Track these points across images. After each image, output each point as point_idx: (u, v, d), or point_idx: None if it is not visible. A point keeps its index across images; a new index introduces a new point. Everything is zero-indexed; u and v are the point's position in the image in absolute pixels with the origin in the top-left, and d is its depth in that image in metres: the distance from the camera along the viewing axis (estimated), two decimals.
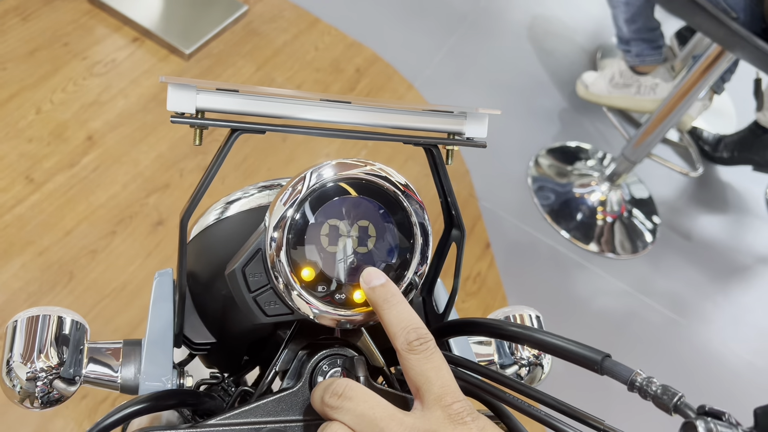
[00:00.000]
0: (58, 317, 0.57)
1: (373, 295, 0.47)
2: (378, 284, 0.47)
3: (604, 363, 0.41)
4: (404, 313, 0.45)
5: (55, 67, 1.89)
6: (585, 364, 0.43)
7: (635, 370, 0.40)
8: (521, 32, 2.72)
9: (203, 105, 0.48)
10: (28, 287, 1.52)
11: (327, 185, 0.48)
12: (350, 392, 0.41)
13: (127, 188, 1.72)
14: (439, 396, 0.41)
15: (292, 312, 0.48)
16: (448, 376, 0.42)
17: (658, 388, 0.39)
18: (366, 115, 0.53)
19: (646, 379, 0.39)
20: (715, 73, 1.84)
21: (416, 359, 0.43)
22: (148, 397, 0.48)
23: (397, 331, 0.44)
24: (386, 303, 0.46)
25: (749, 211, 2.48)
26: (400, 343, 0.44)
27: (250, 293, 0.48)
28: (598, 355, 0.42)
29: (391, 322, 0.45)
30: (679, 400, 0.38)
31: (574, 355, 0.43)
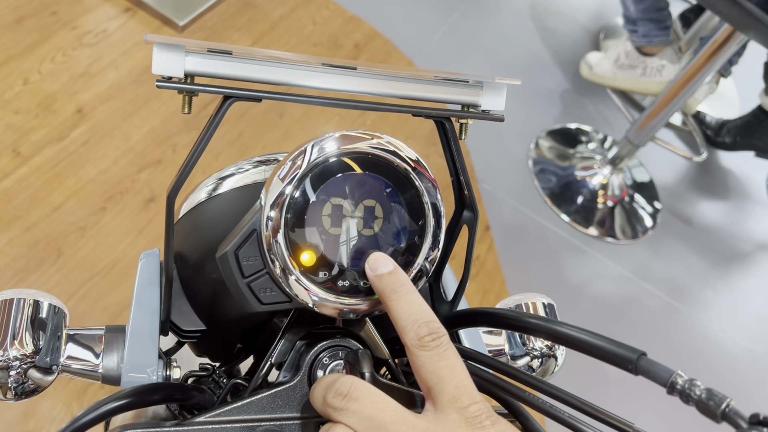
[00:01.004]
0: (33, 301, 0.52)
1: (380, 284, 0.42)
2: (386, 272, 0.42)
3: (640, 362, 0.37)
4: (415, 305, 0.41)
5: (44, 37, 1.82)
6: (617, 363, 0.38)
7: (675, 371, 0.36)
8: (523, 10, 2.66)
9: (192, 68, 0.43)
10: (14, 264, 1.47)
11: (330, 160, 0.43)
12: (356, 392, 0.37)
13: (117, 163, 1.67)
14: (454, 397, 0.37)
15: (290, 300, 0.44)
16: (463, 374, 0.38)
17: (702, 393, 0.34)
18: (373, 82, 0.48)
19: (688, 382, 0.35)
20: (724, 55, 1.79)
21: (428, 356, 0.38)
22: (130, 392, 0.43)
23: (406, 324, 0.40)
24: (394, 293, 0.41)
25: (750, 197, 2.44)
26: (410, 338, 0.39)
27: (243, 279, 0.43)
28: (633, 353, 0.37)
29: (400, 315, 0.40)
30: (727, 406, 0.33)
31: (605, 352, 0.39)
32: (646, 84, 2.17)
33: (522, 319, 0.44)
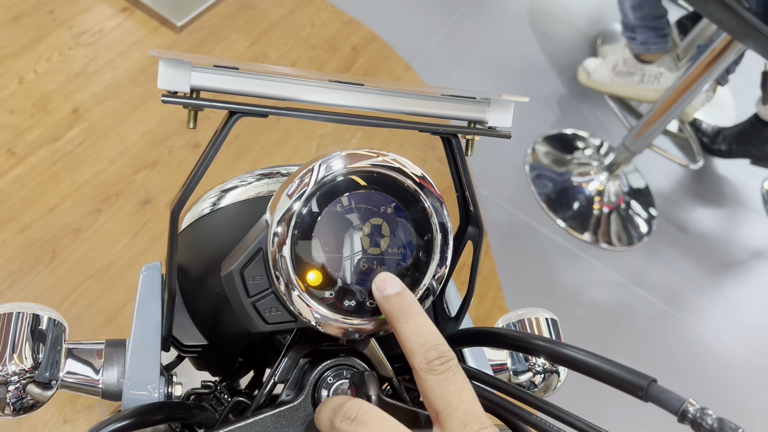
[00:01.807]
0: (33, 315, 0.51)
1: (387, 305, 0.42)
2: (393, 293, 0.42)
3: (650, 389, 0.37)
4: (423, 327, 0.40)
5: (40, 35, 1.81)
6: (627, 389, 0.38)
7: (687, 399, 0.35)
8: (521, 14, 2.66)
9: (199, 83, 0.43)
10: (8, 265, 1.46)
11: (337, 179, 0.43)
12: (365, 416, 0.37)
13: (113, 164, 1.66)
14: (464, 422, 0.37)
15: (295, 319, 0.43)
16: (472, 399, 0.38)
17: (714, 422, 0.34)
18: (379, 98, 0.47)
19: (700, 411, 0.35)
20: (722, 64, 1.80)
21: (436, 380, 0.38)
22: (132, 412, 0.43)
23: (415, 347, 0.39)
24: (402, 315, 0.41)
25: (745, 205, 2.45)
26: (418, 361, 0.39)
27: (249, 298, 0.43)
28: (644, 380, 0.37)
29: (408, 337, 0.40)
30: None
31: (615, 378, 0.39)
32: (643, 91, 2.18)
33: (527, 341, 0.44)
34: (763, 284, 2.25)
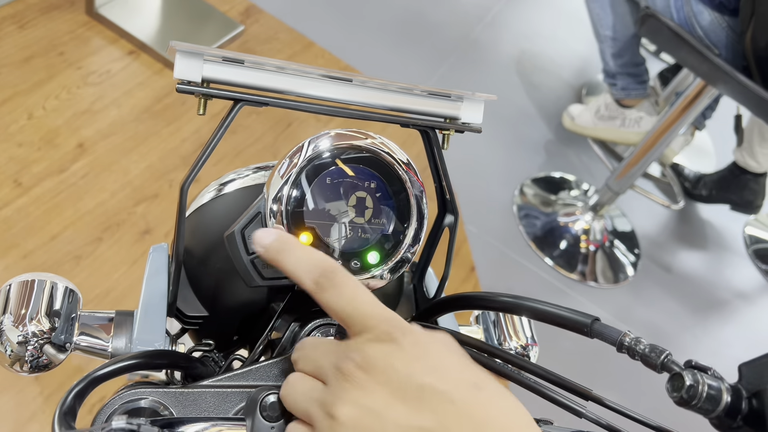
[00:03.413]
0: (51, 283, 0.57)
1: (269, 255, 0.45)
2: (269, 240, 0.45)
3: (594, 326, 0.43)
4: (304, 255, 0.43)
5: (50, 75, 1.90)
6: (575, 328, 0.44)
7: (624, 331, 0.41)
8: (510, 65, 2.78)
9: (209, 75, 0.50)
10: None
11: (325, 154, 0.49)
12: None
13: (115, 196, 1.72)
14: (363, 324, 0.39)
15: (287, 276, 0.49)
16: (367, 301, 0.40)
17: (645, 348, 0.40)
18: (366, 93, 0.54)
19: (635, 339, 0.41)
20: (697, 108, 1.89)
21: (328, 296, 0.41)
22: (140, 354, 0.48)
23: (302, 275, 0.42)
24: (282, 253, 0.44)
25: (728, 247, 2.52)
26: (309, 285, 0.42)
27: (248, 255, 0.49)
28: (588, 318, 0.43)
29: (294, 269, 0.43)
30: (666, 357, 0.39)
31: (565, 320, 0.44)
32: (625, 134, 2.28)
33: (494, 299, 0.50)
34: (746, 324, 2.29)
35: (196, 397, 0.46)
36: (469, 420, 0.34)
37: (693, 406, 0.37)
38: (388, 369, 0.37)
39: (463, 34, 2.81)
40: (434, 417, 0.34)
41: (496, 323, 0.68)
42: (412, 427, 0.34)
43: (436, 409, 0.35)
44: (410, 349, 0.37)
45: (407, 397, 0.35)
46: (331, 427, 0.36)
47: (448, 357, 0.38)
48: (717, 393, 0.36)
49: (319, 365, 0.41)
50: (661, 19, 1.66)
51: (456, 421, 0.34)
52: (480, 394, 0.35)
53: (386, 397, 0.36)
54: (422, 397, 0.35)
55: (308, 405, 0.39)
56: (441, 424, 0.34)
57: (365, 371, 0.37)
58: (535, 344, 0.67)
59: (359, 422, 0.35)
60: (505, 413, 0.35)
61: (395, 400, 0.36)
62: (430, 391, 0.35)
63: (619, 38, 2.10)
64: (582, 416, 0.44)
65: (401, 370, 0.36)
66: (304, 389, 0.40)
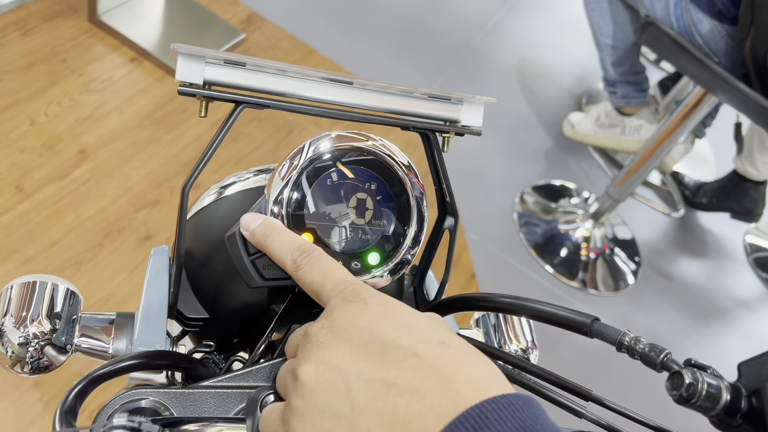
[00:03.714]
0: (52, 284, 0.57)
1: (255, 237, 0.47)
2: (256, 225, 0.47)
3: (593, 326, 0.43)
4: (286, 238, 0.45)
5: (52, 82, 1.91)
6: (575, 328, 0.44)
7: (623, 330, 0.41)
8: (510, 73, 2.79)
9: (210, 77, 0.50)
10: None
11: (325, 157, 0.50)
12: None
13: (116, 202, 1.73)
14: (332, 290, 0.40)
15: (289, 277, 0.49)
16: (336, 270, 0.42)
17: (645, 347, 0.40)
18: (367, 96, 0.55)
19: (634, 339, 0.41)
20: (697, 116, 1.90)
21: (303, 272, 0.43)
22: (141, 354, 0.48)
23: (283, 257, 0.44)
24: (266, 237, 0.46)
25: (728, 255, 2.52)
26: (289, 266, 0.44)
27: (249, 256, 0.49)
28: (588, 318, 0.43)
29: (276, 252, 0.45)
30: (665, 356, 0.39)
31: (565, 320, 0.45)
32: (625, 142, 2.28)
33: (495, 299, 0.50)
34: (747, 332, 2.29)
35: (197, 397, 0.46)
36: (434, 373, 0.33)
37: (692, 404, 0.37)
38: (351, 327, 0.37)
39: (463, 43, 2.82)
40: (399, 371, 0.34)
41: (497, 327, 0.68)
42: (374, 380, 0.34)
43: (401, 364, 0.34)
44: (376, 308, 0.37)
45: (371, 353, 0.35)
46: (295, 388, 0.36)
47: (415, 317, 0.38)
48: (716, 391, 0.36)
49: (295, 341, 0.41)
50: (661, 27, 1.67)
51: (421, 375, 0.33)
52: (447, 350, 0.35)
53: (349, 353, 0.36)
54: (385, 352, 0.35)
55: (284, 377, 0.40)
56: (405, 377, 0.33)
57: (330, 331, 0.37)
58: (535, 347, 0.67)
59: (320, 379, 0.35)
60: (472, 368, 0.34)
61: (359, 356, 0.35)
62: (394, 347, 0.35)
63: (619, 46, 2.11)
64: (582, 416, 0.44)
65: (365, 327, 0.36)
66: (283, 368, 0.41)
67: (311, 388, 0.35)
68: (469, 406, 0.31)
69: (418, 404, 0.32)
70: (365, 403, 0.33)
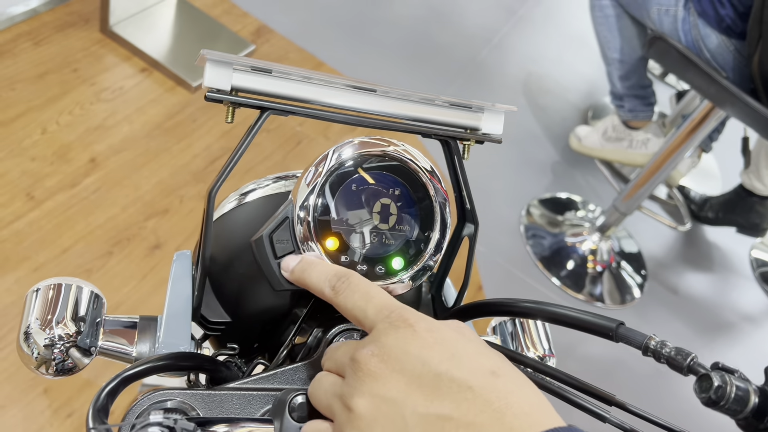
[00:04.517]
0: (77, 287, 0.58)
1: (294, 275, 0.48)
2: (293, 265, 0.48)
3: (619, 330, 0.43)
4: (322, 269, 0.46)
5: (64, 91, 1.92)
6: (600, 333, 0.44)
7: (649, 335, 0.42)
8: (516, 87, 2.80)
9: (238, 84, 0.51)
10: (20, 302, 1.51)
11: (349, 163, 0.50)
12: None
13: (126, 211, 1.74)
14: (376, 315, 0.40)
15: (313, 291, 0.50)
16: (378, 295, 0.42)
17: (671, 351, 0.40)
18: (389, 103, 0.55)
19: (660, 343, 0.41)
20: (704, 130, 1.90)
21: (343, 297, 0.43)
22: (169, 355, 0.49)
23: (322, 286, 0.45)
24: (305, 272, 0.47)
25: (734, 270, 2.52)
26: (328, 293, 0.44)
27: (276, 259, 0.49)
28: (613, 323, 0.44)
29: (314, 283, 0.46)
30: (692, 360, 0.39)
31: (590, 324, 0.45)
32: (632, 156, 2.29)
33: (516, 305, 0.50)
34: (753, 347, 2.29)
35: (223, 399, 0.47)
36: (488, 406, 0.34)
37: (721, 407, 0.37)
38: (403, 356, 0.37)
39: (470, 56, 2.84)
40: (453, 404, 0.34)
41: (514, 334, 0.69)
42: (430, 415, 0.34)
43: (455, 397, 0.34)
44: (425, 335, 0.37)
45: (424, 385, 0.35)
46: (349, 420, 0.37)
47: (464, 343, 0.38)
48: (745, 394, 0.37)
49: (339, 361, 0.41)
50: (669, 41, 1.68)
51: (475, 408, 0.34)
52: (498, 381, 0.35)
53: (403, 385, 0.36)
54: (440, 385, 0.35)
55: (329, 400, 0.40)
56: (460, 411, 0.34)
57: (381, 359, 0.37)
58: (552, 355, 0.68)
59: (377, 413, 0.35)
60: (524, 400, 0.35)
61: (412, 388, 0.35)
62: (447, 379, 0.35)
63: (627, 60, 2.12)
64: (606, 421, 0.44)
65: (417, 356, 0.36)
66: (326, 385, 0.41)
67: (368, 421, 0.35)
68: None
69: None
70: None
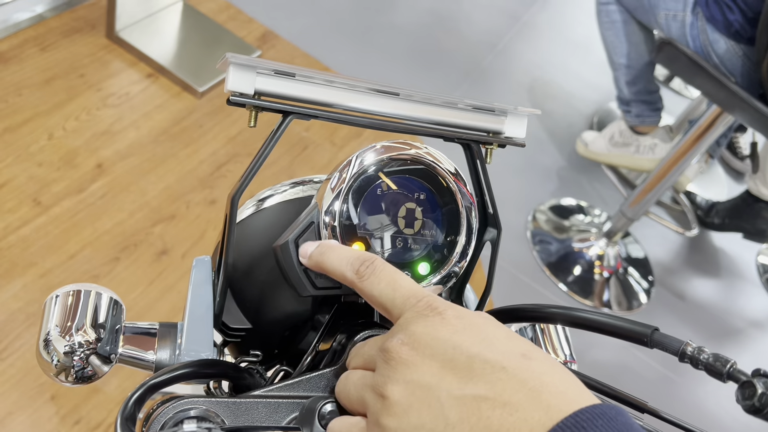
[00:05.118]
0: (96, 293, 0.57)
1: (312, 260, 0.47)
2: (312, 249, 0.47)
3: (654, 336, 0.43)
4: (342, 252, 0.45)
5: (70, 97, 1.92)
6: (635, 339, 0.44)
7: (685, 341, 0.41)
8: (521, 93, 2.80)
9: (261, 87, 0.50)
10: (27, 308, 1.51)
11: (372, 169, 0.50)
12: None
13: (133, 216, 1.73)
14: (403, 303, 0.40)
15: (340, 286, 0.49)
16: (405, 283, 0.41)
17: (709, 357, 0.40)
18: (411, 107, 0.55)
19: (697, 349, 0.40)
20: (712, 135, 1.90)
21: (369, 283, 0.42)
22: (193, 362, 0.48)
23: (343, 269, 0.44)
24: (324, 255, 0.46)
25: (741, 275, 2.51)
26: (350, 277, 0.43)
27: (301, 265, 0.49)
28: (648, 329, 0.43)
29: (334, 267, 0.45)
30: (732, 367, 0.39)
31: (624, 330, 0.44)
32: (639, 161, 2.28)
33: (543, 310, 0.50)
34: (760, 352, 2.28)
35: (248, 407, 0.46)
36: (523, 386, 0.33)
37: (765, 414, 0.36)
38: (433, 342, 0.36)
39: (475, 62, 2.83)
40: (488, 385, 0.34)
41: (534, 340, 0.68)
42: (466, 397, 0.34)
43: (489, 378, 0.34)
44: (455, 321, 0.37)
45: (458, 368, 0.35)
46: (384, 408, 0.36)
47: (494, 329, 0.37)
48: None
49: (368, 355, 0.41)
50: (678, 46, 1.68)
51: (510, 388, 0.33)
52: (531, 362, 0.35)
53: (436, 369, 0.35)
54: (473, 367, 0.35)
55: (360, 392, 0.39)
56: (495, 391, 0.33)
57: (411, 347, 0.37)
58: (573, 361, 0.67)
59: (412, 398, 0.35)
60: (558, 380, 0.34)
61: (445, 371, 0.35)
62: (480, 361, 0.35)
63: (634, 66, 2.12)
64: None
65: (447, 341, 0.36)
66: (355, 379, 0.41)
67: (403, 407, 0.35)
68: (562, 417, 0.31)
69: (511, 417, 0.32)
70: (459, 419, 0.33)
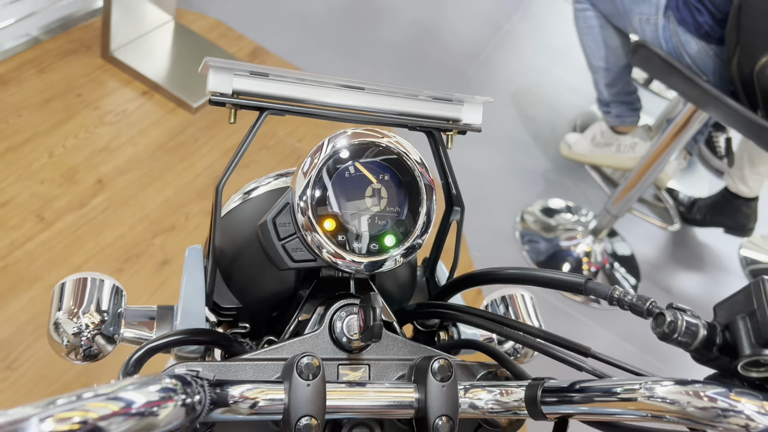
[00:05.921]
0: (100, 280, 0.64)
1: None
2: None
3: (587, 285, 0.49)
4: None
5: (68, 116, 1.99)
6: (571, 289, 0.50)
7: (614, 286, 0.47)
8: (506, 99, 2.88)
9: (238, 87, 0.57)
10: (35, 320, 1.57)
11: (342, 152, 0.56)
12: None
13: (134, 229, 1.80)
14: None
15: (315, 259, 0.56)
16: None
17: (633, 297, 0.46)
18: (377, 99, 0.62)
19: (623, 292, 0.47)
20: (688, 132, 1.97)
21: None
22: (188, 330, 0.54)
23: None
24: None
25: (724, 268, 2.57)
26: None
27: (279, 241, 0.55)
28: (582, 278, 0.49)
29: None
30: (651, 303, 0.45)
31: (561, 282, 0.51)
32: (620, 160, 2.36)
33: (497, 273, 0.56)
34: None
35: (237, 369, 0.52)
36: None
37: (674, 339, 0.42)
38: None
39: (459, 71, 2.91)
40: None
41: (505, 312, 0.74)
42: None
43: None
44: None
45: None
46: None
47: None
48: (695, 328, 0.42)
49: None
50: (651, 48, 1.75)
51: None
52: None
53: None
54: None
55: None
56: None
57: None
58: None
59: None
60: None
61: None
62: None
63: (612, 69, 2.19)
64: (583, 369, 0.50)
65: None
66: None
67: None
68: None
69: None
70: None
